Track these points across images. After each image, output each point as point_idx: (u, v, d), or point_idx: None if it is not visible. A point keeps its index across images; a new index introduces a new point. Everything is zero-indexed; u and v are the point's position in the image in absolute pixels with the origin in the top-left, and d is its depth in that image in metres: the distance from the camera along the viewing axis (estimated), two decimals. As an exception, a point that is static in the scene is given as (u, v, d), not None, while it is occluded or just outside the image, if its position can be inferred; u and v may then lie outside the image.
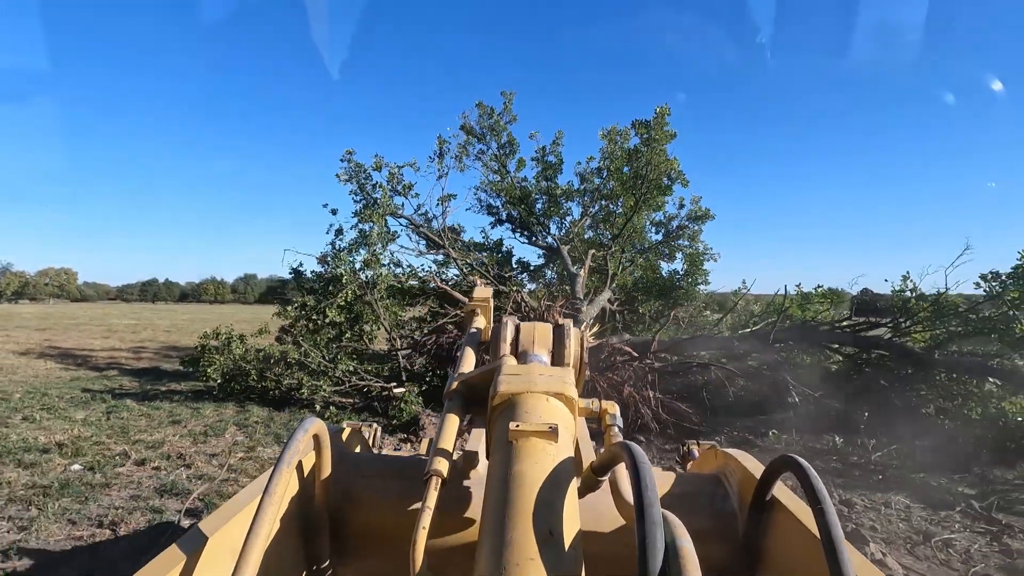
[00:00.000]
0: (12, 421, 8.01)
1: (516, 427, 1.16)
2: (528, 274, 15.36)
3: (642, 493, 0.89)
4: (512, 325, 1.79)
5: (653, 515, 0.86)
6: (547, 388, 1.33)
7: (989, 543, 4.42)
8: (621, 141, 13.42)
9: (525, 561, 0.89)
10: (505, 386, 1.33)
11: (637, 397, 7.96)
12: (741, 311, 12.18)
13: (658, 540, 0.84)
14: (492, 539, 0.96)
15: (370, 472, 1.69)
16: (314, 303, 10.49)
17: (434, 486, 1.18)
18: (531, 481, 1.05)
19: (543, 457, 1.12)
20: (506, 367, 1.45)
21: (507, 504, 1.01)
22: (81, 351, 17.27)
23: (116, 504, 4.95)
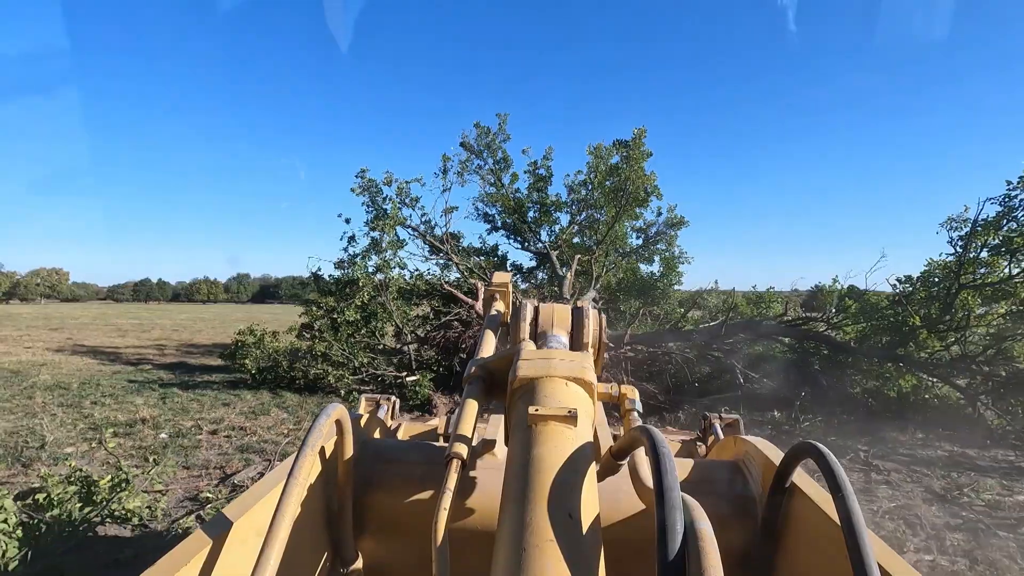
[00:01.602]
0: (84, 405, 9.46)
1: (535, 411, 1.19)
2: (522, 276, 16.94)
3: (662, 477, 0.92)
4: (531, 307, 1.83)
5: (673, 499, 0.88)
6: (566, 373, 1.34)
7: (859, 477, 6.08)
8: (606, 156, 15.03)
9: (544, 543, 0.91)
10: (524, 371, 1.35)
11: (613, 381, 9.56)
12: (713, 307, 13.84)
13: (677, 523, 0.86)
14: (512, 521, 0.99)
15: (391, 457, 1.77)
16: (334, 303, 12.00)
17: (454, 468, 1.22)
18: (550, 465, 1.07)
19: (562, 441, 1.14)
20: (525, 351, 1.47)
21: (526, 487, 1.04)
22: (107, 349, 18.60)
23: (211, 458, 6.48)
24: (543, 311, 1.84)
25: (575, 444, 1.15)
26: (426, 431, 3.07)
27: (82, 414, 8.65)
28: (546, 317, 1.82)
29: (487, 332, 1.94)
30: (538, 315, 1.83)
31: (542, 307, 1.86)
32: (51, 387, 10.84)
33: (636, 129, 13.56)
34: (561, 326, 1.81)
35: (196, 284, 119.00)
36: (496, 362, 1.60)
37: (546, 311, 1.84)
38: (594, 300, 14.21)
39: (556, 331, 1.79)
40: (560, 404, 1.23)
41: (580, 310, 1.83)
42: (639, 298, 15.39)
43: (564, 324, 1.81)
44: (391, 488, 1.68)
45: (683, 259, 16.26)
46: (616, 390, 1.60)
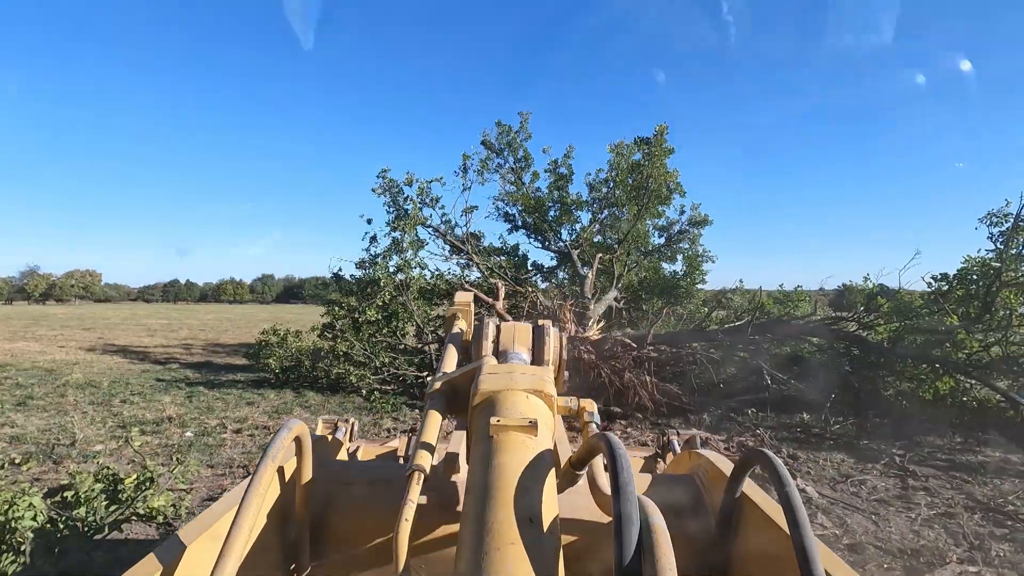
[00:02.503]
0: (114, 403, 9.65)
1: (497, 422, 1.22)
2: (542, 275, 16.85)
3: (618, 475, 0.96)
4: (493, 326, 1.87)
5: (629, 493, 0.93)
6: (527, 386, 1.39)
7: (895, 484, 5.84)
8: (627, 154, 14.86)
9: (506, 546, 0.93)
10: (486, 384, 1.39)
11: (636, 381, 9.41)
12: (737, 307, 13.56)
13: (633, 515, 0.91)
14: (474, 526, 1.01)
15: (350, 477, 1.74)
16: (356, 303, 12.06)
17: (416, 481, 1.21)
18: (511, 472, 1.10)
19: (523, 450, 1.17)
20: (487, 366, 1.51)
21: (488, 493, 1.06)
22: (136, 348, 19.04)
23: (234, 456, 6.53)
24: (504, 329, 1.88)
25: (535, 452, 1.18)
26: (386, 452, 3.08)
27: (111, 412, 8.82)
28: (507, 335, 1.86)
29: (449, 348, 1.94)
30: (500, 333, 1.87)
31: (503, 325, 1.90)
32: (83, 385, 11.10)
33: (658, 125, 13.37)
34: (522, 343, 1.85)
35: (223, 285, 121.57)
36: (458, 377, 1.60)
37: (507, 329, 1.88)
38: (616, 299, 14.08)
39: (518, 348, 1.83)
40: (521, 415, 1.26)
41: (541, 328, 1.88)
42: (662, 297, 15.17)
43: (525, 342, 1.85)
44: (350, 508, 1.66)
45: (706, 258, 16.03)
46: (575, 403, 1.62)
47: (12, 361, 14.52)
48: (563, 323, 9.96)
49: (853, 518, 4.77)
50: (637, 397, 9.38)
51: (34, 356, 15.66)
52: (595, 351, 9.82)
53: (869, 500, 5.30)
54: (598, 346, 9.93)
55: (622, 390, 9.44)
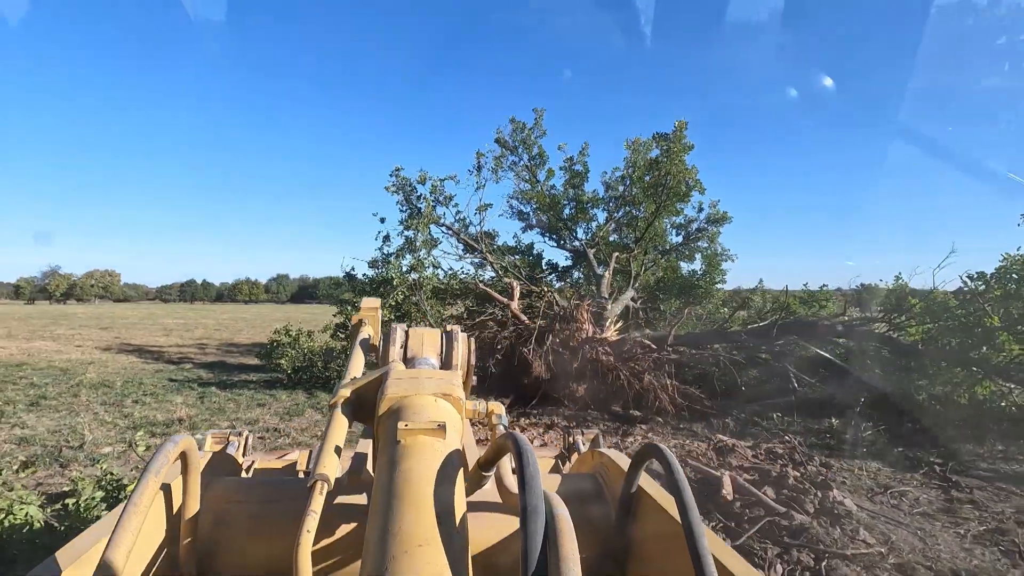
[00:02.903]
0: (126, 404, 9.57)
1: (404, 426, 1.20)
2: (557, 275, 16.55)
3: (524, 469, 0.98)
4: (401, 331, 1.86)
5: (535, 488, 0.95)
6: (435, 390, 1.39)
7: (938, 495, 5.48)
8: (644, 151, 14.51)
9: (413, 548, 0.92)
10: (394, 390, 1.37)
11: (656, 384, 9.10)
12: (758, 307, 13.16)
13: (540, 508, 0.93)
14: (380, 531, 0.98)
15: (243, 495, 1.62)
16: (368, 303, 11.89)
17: (319, 491, 1.16)
18: (418, 475, 1.09)
19: (431, 453, 1.16)
20: (395, 372, 1.50)
21: (395, 497, 1.04)
22: (151, 348, 19.11)
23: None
24: (413, 335, 1.88)
25: (443, 455, 1.16)
26: (285, 466, 2.97)
27: (123, 413, 8.72)
28: (416, 341, 1.86)
29: (356, 355, 1.89)
30: (408, 339, 1.86)
31: (412, 331, 1.89)
32: (96, 385, 11.06)
33: (677, 121, 13.01)
34: (431, 349, 1.84)
35: (238, 285, 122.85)
36: (366, 383, 1.54)
37: (416, 335, 1.88)
38: (632, 299, 13.75)
39: (426, 353, 1.82)
40: (430, 419, 1.25)
41: (450, 334, 1.89)
42: (679, 297, 14.81)
43: (434, 347, 1.85)
44: (244, 527, 1.54)
45: (726, 256, 15.60)
46: (484, 407, 1.59)
47: (29, 360, 14.59)
48: (580, 323, 9.69)
49: (898, 534, 4.43)
50: (657, 400, 9.08)
51: (51, 355, 15.74)
52: (613, 352, 9.53)
53: (912, 514, 4.96)
54: (616, 347, 9.64)
55: (641, 393, 9.14)
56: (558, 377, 9.49)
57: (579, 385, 9.42)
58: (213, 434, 2.46)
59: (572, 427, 8.32)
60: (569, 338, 9.55)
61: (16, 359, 14.80)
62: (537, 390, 9.46)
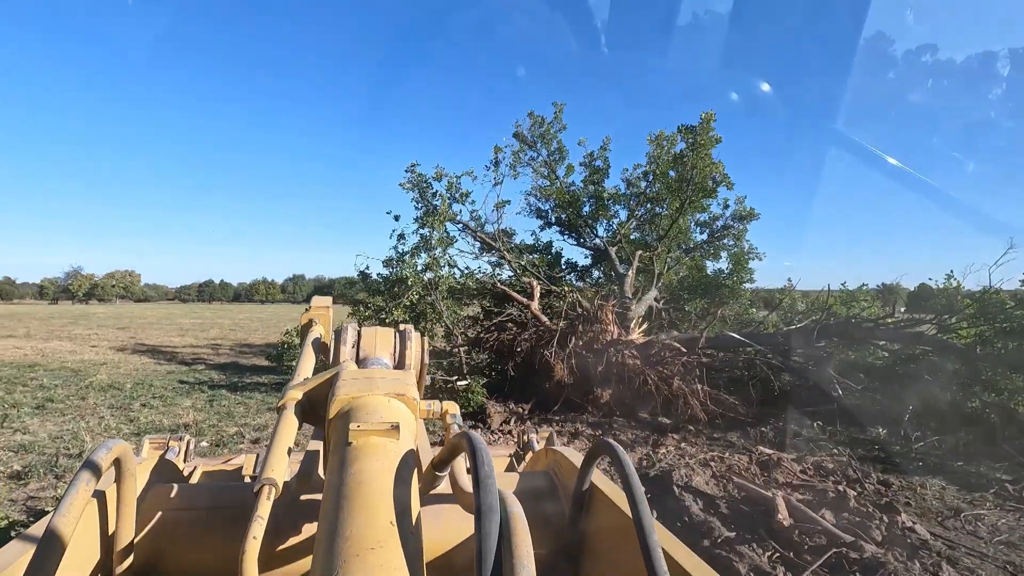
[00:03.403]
0: (133, 407, 9.26)
1: (357, 427, 1.17)
2: (576, 274, 16.03)
3: (479, 468, 0.96)
4: (353, 331, 1.81)
5: (489, 486, 0.93)
6: (388, 390, 1.35)
7: (1017, 520, 4.88)
8: (668, 146, 13.93)
9: (365, 551, 0.89)
10: (345, 390, 1.33)
11: (686, 390, 8.55)
12: (787, 308, 12.51)
13: (495, 506, 0.91)
14: (330, 534, 0.95)
15: (183, 502, 1.55)
16: (382, 303, 11.46)
17: (266, 495, 1.11)
18: (370, 477, 1.06)
19: (384, 454, 1.13)
20: (346, 372, 1.46)
21: (346, 500, 1.01)
22: (166, 348, 18.95)
23: (249, 472, 5.95)
24: (366, 334, 1.83)
25: (397, 455, 1.13)
26: (230, 471, 2.86)
27: (128, 417, 8.40)
28: (368, 340, 1.81)
29: (306, 355, 1.82)
30: (361, 338, 1.81)
31: (365, 330, 1.84)
32: (105, 388, 10.79)
33: (704, 113, 12.40)
34: (385, 349, 1.80)
35: (255, 285, 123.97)
36: (316, 384, 1.50)
37: (368, 334, 1.83)
38: (655, 299, 13.18)
39: (380, 353, 1.78)
40: (382, 420, 1.21)
41: (404, 333, 1.86)
42: (704, 297, 14.20)
43: (388, 347, 1.81)
44: (187, 535, 1.48)
45: (753, 255, 14.95)
46: (438, 406, 1.57)
47: (42, 361, 14.44)
48: (605, 324, 9.16)
49: (985, 569, 3.87)
50: (687, 407, 8.53)
51: (64, 356, 15.60)
52: (640, 355, 9.00)
53: (994, 543, 4.38)
54: (643, 350, 9.10)
55: (671, 399, 8.59)
56: (581, 381, 8.98)
57: (604, 390, 8.89)
58: (151, 439, 2.34)
59: (599, 435, 7.81)
60: (593, 340, 9.03)
61: (30, 359, 14.68)
62: (559, 395, 8.96)
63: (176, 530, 1.48)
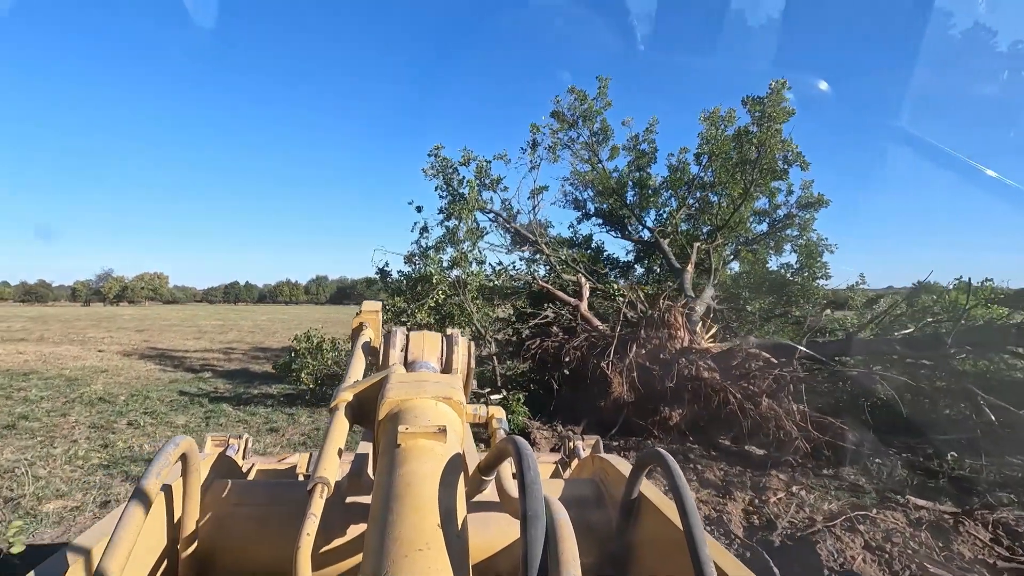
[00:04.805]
0: (118, 426, 7.97)
1: (405, 430, 1.15)
2: (618, 271, 14.40)
3: (525, 474, 0.93)
4: (401, 335, 1.80)
5: (535, 492, 0.90)
6: (435, 393, 1.35)
7: None
8: (725, 124, 12.21)
9: (413, 552, 0.88)
10: (394, 393, 1.33)
11: (778, 410, 6.87)
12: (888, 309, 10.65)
13: (540, 513, 0.88)
14: (380, 535, 0.94)
15: (243, 498, 1.60)
16: (404, 304, 10.01)
17: (320, 494, 1.11)
18: (419, 479, 1.05)
19: (431, 457, 1.11)
20: (395, 375, 1.46)
21: (395, 501, 1.00)
22: (176, 352, 17.87)
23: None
24: (414, 338, 1.82)
25: (444, 458, 1.13)
26: (285, 469, 2.74)
27: (106, 441, 7.07)
28: (416, 344, 1.80)
29: (356, 358, 1.80)
30: (409, 342, 1.81)
31: (413, 335, 1.84)
32: (94, 401, 9.57)
33: (774, 81, 10.65)
34: (432, 353, 1.79)
35: (279, 286, 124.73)
36: (366, 387, 1.49)
37: (416, 338, 1.82)
38: (711, 298, 11.47)
39: (427, 357, 1.77)
40: (430, 423, 1.21)
41: (450, 338, 1.84)
42: (770, 295, 12.42)
43: (435, 351, 1.80)
44: (244, 530, 1.48)
45: (824, 247, 13.09)
46: (484, 411, 1.50)
47: (41, 368, 13.37)
48: (674, 329, 7.53)
49: None
50: (780, 432, 6.85)
51: (66, 362, 14.53)
52: (718, 367, 7.34)
53: None
54: (721, 361, 7.43)
55: (760, 423, 6.92)
56: (645, 399, 7.37)
57: (673, 410, 7.26)
58: (213, 436, 2.31)
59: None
60: (659, 348, 7.41)
61: (29, 366, 13.62)
62: (618, 416, 7.35)
63: (234, 523, 1.51)
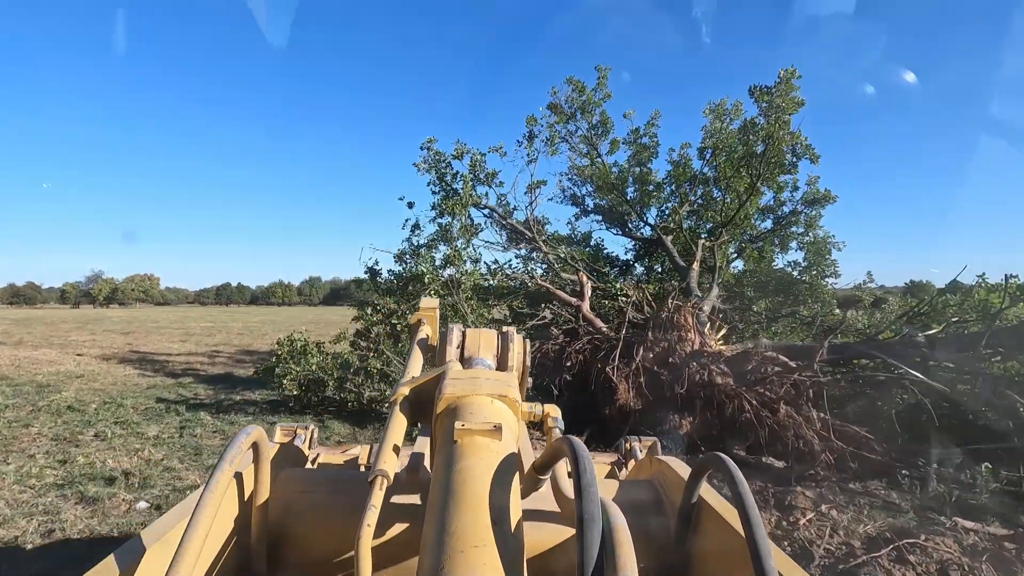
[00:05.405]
0: (84, 438, 7.36)
1: (461, 426, 1.17)
2: (617, 269, 13.88)
3: (580, 476, 0.93)
4: (458, 332, 1.80)
5: (591, 494, 0.90)
6: (491, 391, 1.36)
7: None
8: (730, 117, 11.71)
9: (469, 548, 0.89)
10: (451, 389, 1.35)
11: (798, 419, 6.35)
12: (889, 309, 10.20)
13: (596, 516, 0.87)
14: (437, 529, 0.96)
15: (310, 486, 1.66)
16: (394, 305, 9.44)
17: (379, 486, 1.14)
18: (475, 476, 1.06)
19: (487, 454, 1.12)
20: (452, 372, 1.48)
21: (452, 497, 1.02)
22: (159, 356, 17.20)
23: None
24: (470, 335, 1.83)
25: (499, 456, 1.14)
26: (347, 460, 2.79)
27: (66, 456, 6.46)
28: (473, 341, 1.82)
29: (414, 354, 1.86)
30: (465, 339, 1.82)
31: (469, 331, 1.85)
32: (63, 410, 8.94)
33: (784, 70, 10.14)
34: (488, 350, 1.79)
35: (272, 287, 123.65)
36: (423, 383, 1.52)
37: (473, 335, 1.83)
38: (716, 297, 10.95)
39: (483, 354, 1.77)
40: (486, 420, 1.22)
41: (506, 335, 1.85)
42: (778, 295, 11.93)
43: (491, 348, 1.81)
44: (309, 516, 1.56)
45: (832, 244, 12.62)
46: (539, 409, 1.51)
47: (12, 373, 12.69)
48: (684, 331, 6.99)
49: None
50: (799, 442, 6.33)
51: (41, 367, 13.84)
52: (731, 372, 6.81)
53: None
54: (735, 365, 6.91)
55: (777, 432, 6.40)
56: (653, 406, 6.83)
57: (683, 418, 6.73)
58: (282, 427, 2.34)
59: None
60: (668, 352, 6.88)
61: (0, 371, 12.95)
62: (624, 424, 6.81)
63: (301, 510, 1.55)
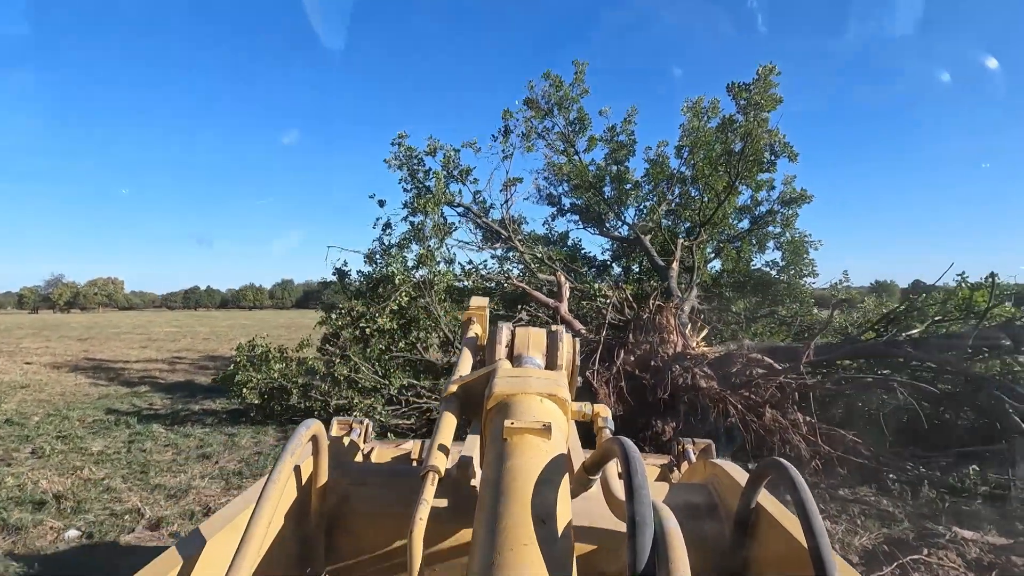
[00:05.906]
0: (19, 455, 6.73)
1: (511, 424, 1.17)
2: (595, 271, 13.62)
3: (632, 478, 0.92)
4: (507, 330, 1.81)
5: (643, 496, 0.89)
6: (541, 389, 1.35)
7: None
8: (708, 114, 11.56)
9: (519, 546, 0.90)
10: (501, 387, 1.35)
11: (783, 422, 6.12)
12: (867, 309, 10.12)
13: (648, 519, 0.86)
14: (487, 527, 0.97)
15: (365, 479, 1.71)
16: (363, 308, 8.97)
17: (431, 481, 1.17)
18: (525, 474, 1.06)
19: (536, 453, 1.13)
20: (502, 370, 1.48)
21: (501, 495, 1.02)
22: (116, 363, 16.32)
23: (111, 607, 3.44)
24: (519, 334, 1.84)
25: (548, 455, 1.14)
26: (400, 454, 2.82)
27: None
28: (522, 340, 1.82)
29: (464, 352, 1.89)
30: (514, 338, 1.83)
31: (518, 330, 1.86)
32: (2, 423, 8.23)
33: (762, 66, 10.01)
34: (536, 348, 1.80)
35: (243, 291, 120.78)
36: (473, 381, 1.56)
37: (522, 334, 1.84)
38: (696, 297, 10.76)
39: (532, 353, 1.78)
40: (535, 419, 1.22)
41: (555, 334, 1.83)
42: (755, 295, 11.82)
43: (540, 346, 1.81)
44: (364, 508, 1.62)
45: (810, 244, 12.58)
46: (589, 408, 1.48)
47: (-50, 384, 11.80)
48: (666, 333, 6.71)
49: None
50: (785, 446, 6.11)
51: (-16, 377, 12.94)
52: (715, 375, 6.55)
53: None
54: (719, 367, 6.65)
55: (763, 436, 6.15)
56: (635, 411, 6.53)
57: (666, 423, 6.44)
58: (339, 420, 2.35)
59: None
60: (650, 354, 6.58)
61: (-63, 383, 12.03)
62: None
63: (356, 502, 1.61)
